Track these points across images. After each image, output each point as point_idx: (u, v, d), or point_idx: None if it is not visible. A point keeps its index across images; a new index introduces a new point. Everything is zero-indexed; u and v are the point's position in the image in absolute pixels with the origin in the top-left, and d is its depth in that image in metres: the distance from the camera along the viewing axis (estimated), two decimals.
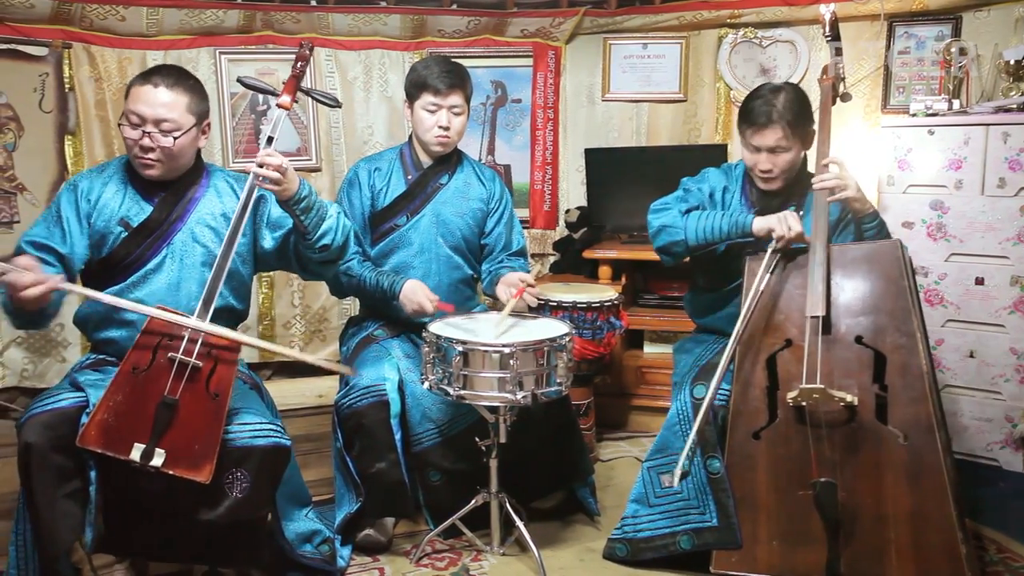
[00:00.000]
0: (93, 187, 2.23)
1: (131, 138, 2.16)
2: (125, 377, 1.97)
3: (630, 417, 3.65)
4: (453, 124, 2.71)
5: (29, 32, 3.52)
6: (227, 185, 2.36)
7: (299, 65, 2.28)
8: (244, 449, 2.07)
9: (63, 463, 1.96)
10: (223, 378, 2.03)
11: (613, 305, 3.00)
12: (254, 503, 2.09)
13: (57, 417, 1.98)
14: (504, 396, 2.28)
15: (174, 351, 2.00)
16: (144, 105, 2.14)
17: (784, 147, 2.49)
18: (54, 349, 3.72)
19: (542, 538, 2.57)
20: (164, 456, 1.94)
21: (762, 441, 2.31)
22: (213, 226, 2.28)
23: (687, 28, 4.06)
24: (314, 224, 2.22)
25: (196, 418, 1.99)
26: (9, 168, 3.56)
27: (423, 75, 2.69)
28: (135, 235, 2.22)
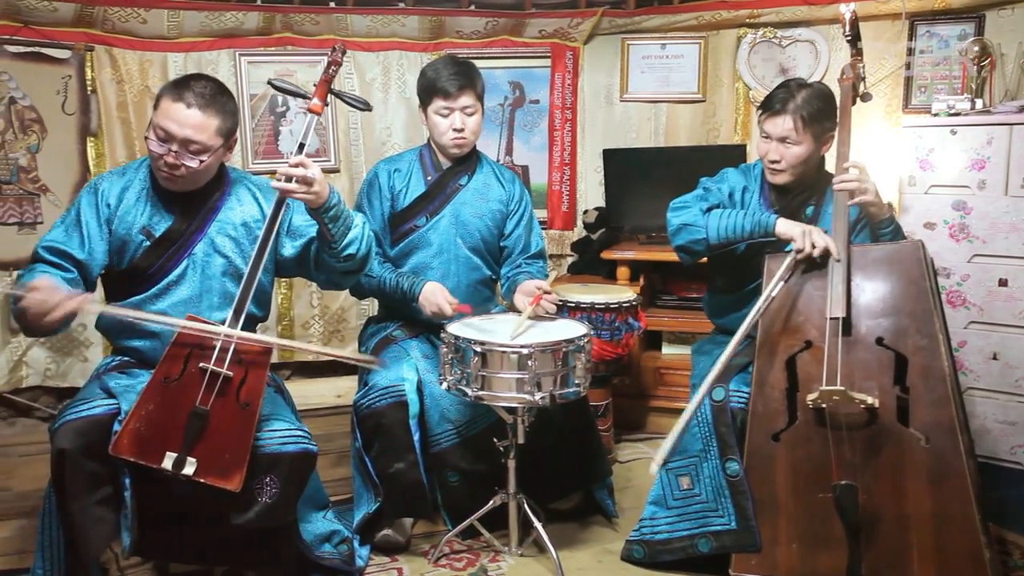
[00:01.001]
0: (114, 190, 2.22)
1: (156, 152, 2.11)
2: (156, 387, 1.98)
3: (648, 418, 3.64)
4: (467, 124, 2.71)
5: (52, 35, 3.56)
6: (248, 193, 2.33)
7: (332, 69, 2.24)
8: (274, 456, 2.07)
9: (96, 469, 1.97)
10: (253, 387, 2.03)
11: (631, 306, 3.00)
12: (283, 509, 2.10)
13: (90, 424, 1.99)
14: (522, 397, 2.28)
15: (205, 361, 2.00)
16: (173, 123, 2.09)
17: (794, 140, 2.48)
18: (76, 349, 3.76)
19: (560, 539, 2.57)
20: (195, 465, 1.95)
21: (781, 443, 2.29)
22: (233, 236, 2.27)
23: (706, 28, 4.05)
24: (340, 233, 2.19)
25: (227, 428, 2.00)
26: (33, 169, 3.60)
27: (432, 79, 2.68)
28: (156, 246, 2.21)
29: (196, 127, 2.10)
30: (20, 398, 3.72)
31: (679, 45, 4.11)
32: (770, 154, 2.52)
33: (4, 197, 3.57)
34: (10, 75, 3.51)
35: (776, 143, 2.50)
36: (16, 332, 3.65)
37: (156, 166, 2.16)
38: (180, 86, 2.14)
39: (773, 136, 2.50)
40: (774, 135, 2.50)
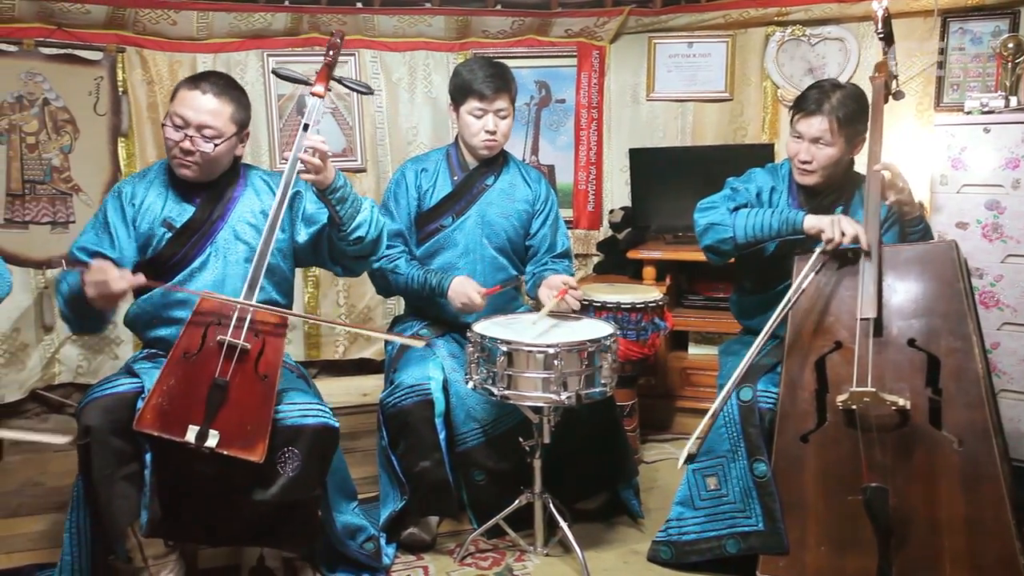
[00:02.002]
0: (136, 191, 2.30)
1: (172, 139, 2.20)
2: (177, 362, 2.02)
3: (675, 419, 3.62)
4: (499, 127, 2.71)
5: (85, 37, 3.62)
6: (264, 183, 2.40)
7: (331, 54, 2.30)
8: (294, 428, 2.10)
9: (121, 446, 2.01)
10: (271, 360, 2.07)
11: (658, 306, 2.98)
12: (306, 482, 2.12)
13: (115, 401, 2.04)
14: (548, 396, 2.28)
15: (223, 334, 2.04)
16: (189, 109, 2.19)
17: (827, 141, 2.46)
18: (107, 347, 3.81)
19: (586, 539, 2.56)
20: (218, 437, 1.98)
21: (810, 444, 2.27)
22: (253, 223, 2.33)
23: (733, 26, 4.02)
24: (348, 215, 2.23)
25: (247, 399, 2.03)
26: (65, 169, 3.66)
27: (467, 79, 2.68)
28: (179, 235, 2.27)
29: (211, 112, 2.20)
30: (53, 395, 3.78)
31: (706, 44, 4.08)
32: (801, 154, 2.49)
33: (37, 197, 3.62)
34: (44, 77, 3.57)
35: (808, 144, 2.48)
36: (49, 329, 3.71)
37: (172, 155, 2.24)
38: (196, 77, 2.27)
39: (806, 137, 2.48)
40: (807, 136, 2.47)
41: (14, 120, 3.55)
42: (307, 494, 2.15)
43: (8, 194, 3.57)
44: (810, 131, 2.46)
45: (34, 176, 3.61)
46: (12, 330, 3.62)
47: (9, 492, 3.03)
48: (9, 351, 3.61)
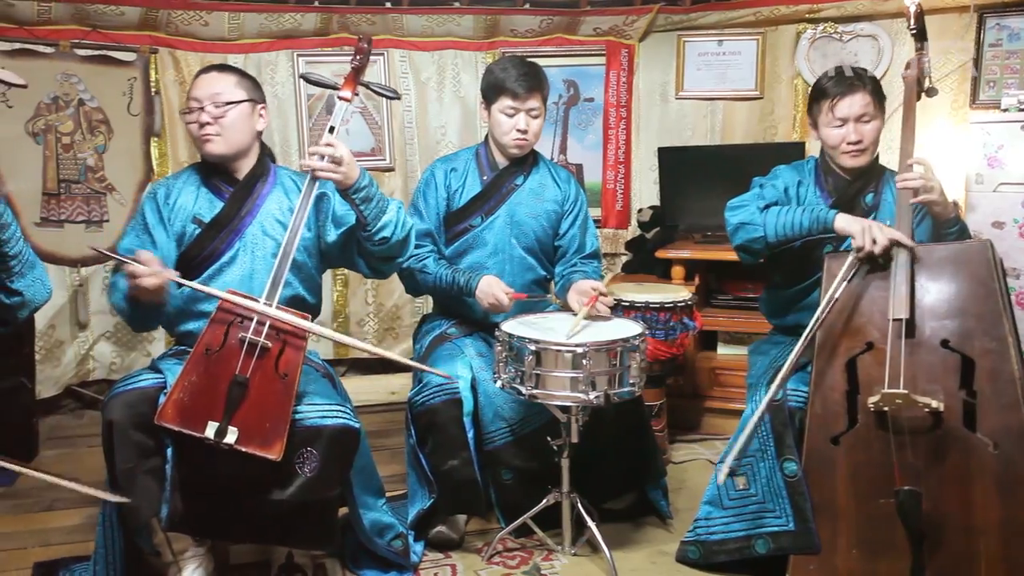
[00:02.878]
0: (170, 192, 2.34)
1: (192, 121, 2.28)
2: (199, 358, 2.04)
3: (703, 419, 3.60)
4: (531, 127, 2.70)
5: (119, 38, 3.67)
6: (292, 182, 2.43)
7: (358, 58, 2.31)
8: (313, 429, 2.11)
9: (143, 440, 2.04)
10: (291, 360, 2.08)
11: (687, 305, 2.97)
12: (323, 483, 2.13)
13: (137, 396, 2.07)
14: (576, 396, 2.27)
15: (244, 331, 2.06)
16: (197, 89, 2.29)
17: (870, 115, 2.46)
18: (140, 343, 3.87)
19: (614, 539, 2.55)
20: (237, 433, 2.00)
21: (841, 446, 2.24)
22: (281, 220, 2.35)
23: (764, 24, 3.99)
24: (373, 216, 2.24)
25: (266, 397, 2.04)
26: (100, 169, 3.71)
27: (501, 78, 2.68)
28: (208, 230, 2.30)
29: (215, 80, 2.30)
30: (87, 391, 3.85)
31: (736, 41, 4.06)
32: (850, 136, 2.47)
33: (72, 196, 3.68)
34: (79, 78, 3.63)
35: (853, 124, 2.46)
36: (84, 327, 3.77)
37: (196, 137, 2.30)
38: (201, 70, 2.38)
39: (850, 117, 2.46)
40: (851, 116, 2.46)
41: (50, 120, 3.61)
42: (325, 495, 2.16)
43: (44, 193, 3.63)
44: (854, 109, 2.45)
45: (69, 176, 3.67)
46: (48, 327, 3.68)
47: (44, 487, 3.07)
48: (45, 348, 3.67)
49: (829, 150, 2.55)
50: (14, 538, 2.69)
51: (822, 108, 2.51)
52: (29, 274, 1.87)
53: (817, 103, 2.53)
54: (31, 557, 2.52)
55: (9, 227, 1.79)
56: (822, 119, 2.52)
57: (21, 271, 1.84)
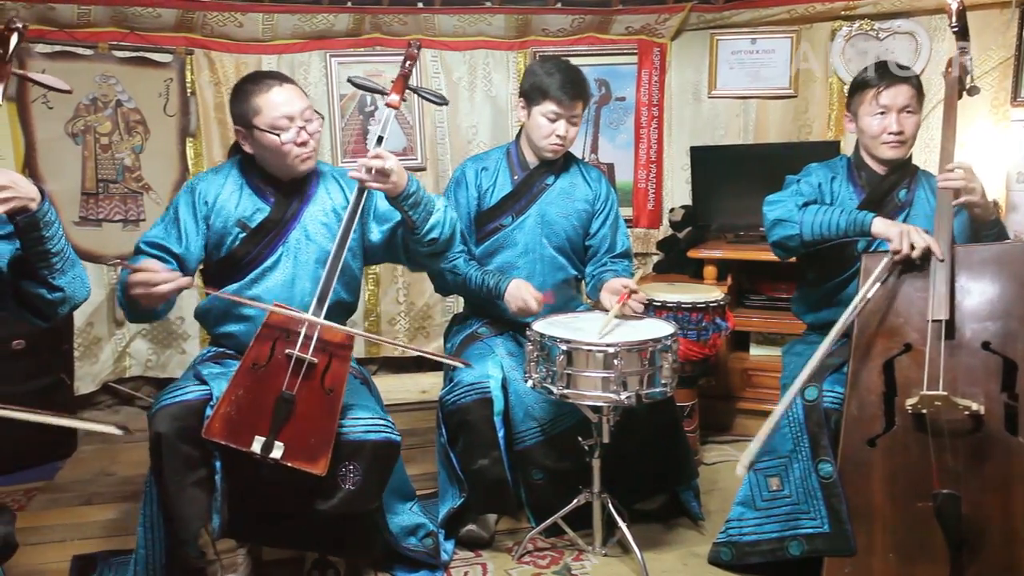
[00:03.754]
0: (210, 189, 2.31)
1: (288, 140, 2.22)
2: (245, 372, 2.05)
3: (735, 420, 3.57)
4: (569, 133, 2.69)
5: (156, 40, 3.72)
6: (335, 182, 2.41)
7: (407, 64, 2.31)
8: (357, 443, 2.12)
9: (190, 452, 2.05)
10: (337, 374, 2.08)
11: (719, 306, 2.94)
12: (366, 496, 2.15)
13: (184, 409, 2.07)
14: (608, 396, 2.27)
15: (291, 347, 2.06)
16: (286, 105, 2.22)
17: (913, 108, 2.46)
18: (175, 341, 3.92)
19: (645, 540, 2.54)
20: (283, 448, 2.01)
21: (878, 448, 2.21)
22: (325, 222, 2.34)
23: (798, 21, 3.94)
24: (422, 219, 2.24)
25: (312, 413, 2.05)
26: (136, 169, 3.77)
27: (547, 83, 2.64)
28: (253, 235, 2.29)
29: (300, 96, 2.27)
30: (123, 387, 3.91)
31: (770, 39, 4.01)
32: (892, 126, 2.46)
33: (110, 195, 3.74)
34: (117, 79, 3.68)
35: (896, 114, 2.45)
36: (120, 324, 3.83)
37: (291, 156, 2.25)
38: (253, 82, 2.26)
39: (893, 107, 2.44)
40: (895, 106, 2.44)
41: (89, 121, 3.67)
42: (366, 507, 2.18)
43: (83, 193, 3.69)
44: (899, 100, 2.44)
45: (107, 175, 3.73)
46: (86, 324, 3.74)
47: (83, 481, 3.14)
48: (83, 345, 3.74)
49: (868, 141, 2.52)
50: (54, 531, 2.74)
51: (864, 97, 2.49)
52: (70, 271, 1.89)
53: (860, 92, 2.51)
54: (70, 549, 2.56)
55: (53, 224, 1.81)
56: (864, 109, 2.49)
57: (63, 268, 1.86)
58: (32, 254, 1.80)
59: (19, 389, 3.14)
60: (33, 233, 1.77)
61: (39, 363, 3.25)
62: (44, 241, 1.80)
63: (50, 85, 1.87)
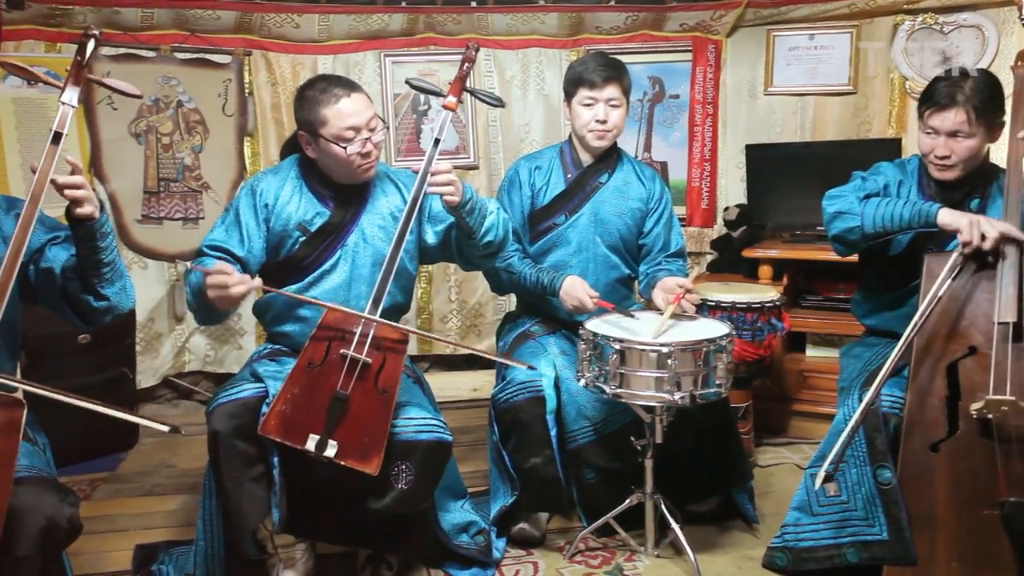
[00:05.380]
0: (270, 190, 2.34)
1: (354, 152, 2.24)
2: (301, 371, 2.08)
3: (791, 422, 3.51)
4: (610, 117, 2.68)
5: (215, 42, 3.79)
6: (392, 183, 2.43)
7: (465, 66, 2.32)
8: (409, 443, 2.14)
9: (247, 449, 2.10)
10: (391, 374, 2.11)
11: (775, 306, 2.90)
12: (417, 496, 2.17)
13: (240, 407, 2.12)
14: (661, 396, 2.25)
15: (346, 347, 2.09)
16: (353, 117, 2.22)
17: (966, 133, 2.32)
18: (232, 337, 3.99)
19: (698, 542, 2.51)
20: (336, 447, 2.04)
21: (941, 454, 2.15)
22: (382, 225, 2.36)
23: (859, 16, 3.86)
24: (478, 224, 2.27)
25: (366, 412, 2.07)
26: (196, 168, 3.85)
27: (579, 71, 2.70)
28: (313, 238, 2.32)
29: (367, 105, 2.27)
30: (183, 382, 4.00)
31: (828, 35, 3.94)
32: (937, 150, 2.37)
33: (171, 194, 3.83)
34: (178, 80, 3.77)
35: (944, 138, 2.35)
36: (180, 320, 3.92)
37: (354, 166, 2.26)
38: (322, 90, 2.25)
39: (941, 131, 2.35)
40: (943, 130, 2.34)
41: (151, 122, 3.76)
42: (418, 507, 2.20)
43: (145, 192, 3.79)
44: (946, 125, 2.33)
45: (168, 174, 3.82)
46: (147, 320, 3.84)
47: (144, 473, 3.22)
48: (145, 339, 3.83)
49: (922, 156, 2.45)
50: (117, 520, 2.81)
51: (920, 112, 2.41)
52: (118, 282, 1.94)
53: (920, 104, 2.43)
54: (132, 539, 2.63)
55: (108, 236, 1.88)
56: (920, 123, 2.42)
57: (111, 279, 1.92)
58: (85, 261, 1.86)
59: (84, 382, 3.23)
60: (90, 242, 1.84)
61: (103, 357, 3.35)
62: (98, 251, 1.86)
63: (123, 90, 1.92)
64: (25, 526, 1.68)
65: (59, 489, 1.79)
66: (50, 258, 1.92)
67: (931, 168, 2.42)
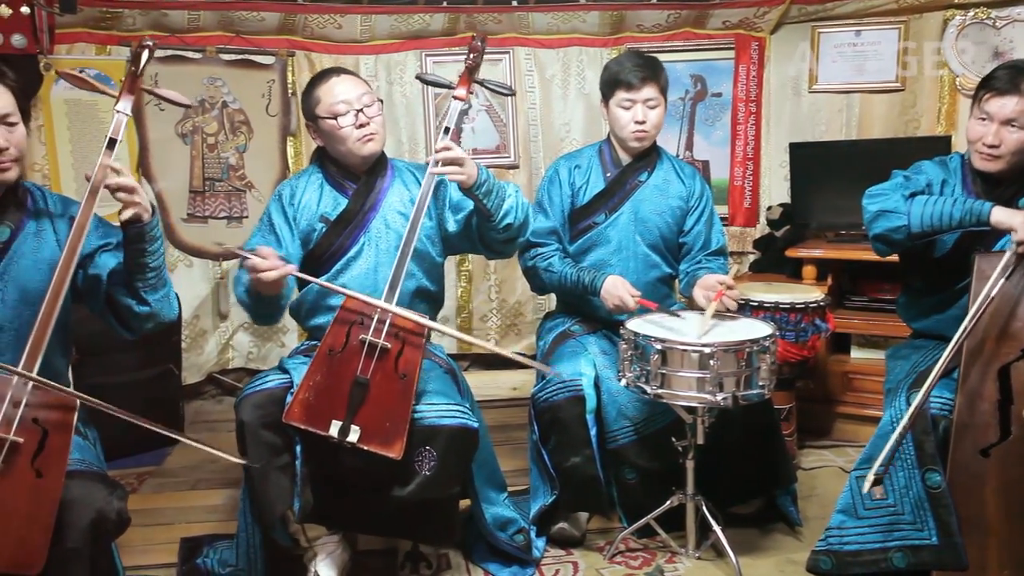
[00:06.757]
0: (295, 191, 2.42)
1: (346, 124, 2.32)
2: (322, 358, 2.12)
3: (835, 425, 3.46)
4: (649, 117, 2.66)
5: (259, 43, 3.85)
6: (411, 174, 2.50)
7: (472, 57, 2.34)
8: (432, 428, 2.15)
9: (273, 439, 2.13)
10: (410, 359, 2.13)
11: (819, 307, 2.85)
12: (442, 482, 2.17)
13: (266, 397, 2.16)
14: (703, 397, 2.23)
15: (365, 333, 2.12)
16: (344, 92, 2.33)
17: (1021, 124, 2.26)
18: (275, 335, 4.05)
19: (740, 545, 2.49)
20: (359, 432, 2.06)
21: (992, 459, 2.10)
22: (403, 212, 2.41)
23: (907, 12, 3.78)
24: (496, 206, 2.28)
25: (386, 397, 2.10)
26: (240, 167, 3.91)
27: (615, 72, 2.67)
28: (335, 227, 2.38)
29: (356, 82, 2.39)
30: (226, 378, 4.06)
31: (876, 31, 3.87)
32: (987, 137, 2.30)
33: (216, 193, 3.89)
34: (223, 81, 3.82)
35: (997, 126, 2.29)
36: (224, 317, 3.98)
37: (352, 139, 2.34)
38: (316, 78, 2.43)
39: (996, 118, 2.29)
40: (998, 117, 2.28)
41: (197, 122, 3.83)
42: (443, 493, 2.20)
43: (191, 191, 3.85)
44: (1002, 112, 2.27)
45: (213, 174, 3.88)
46: (192, 317, 3.91)
47: (189, 467, 3.27)
48: (190, 337, 3.90)
49: (968, 145, 2.39)
50: (162, 514, 2.87)
51: (976, 97, 2.35)
52: (162, 290, 1.97)
53: (976, 91, 2.37)
54: (177, 532, 2.68)
55: (156, 240, 1.91)
56: (973, 109, 2.36)
57: (156, 285, 1.95)
58: (132, 265, 1.90)
59: (132, 378, 3.31)
60: (138, 245, 1.87)
61: (150, 354, 3.41)
62: (145, 254, 1.89)
63: (173, 100, 1.97)
64: (76, 518, 1.73)
65: (108, 483, 1.83)
66: (99, 264, 1.97)
67: (975, 159, 2.35)
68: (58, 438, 1.72)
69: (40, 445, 1.70)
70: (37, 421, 1.72)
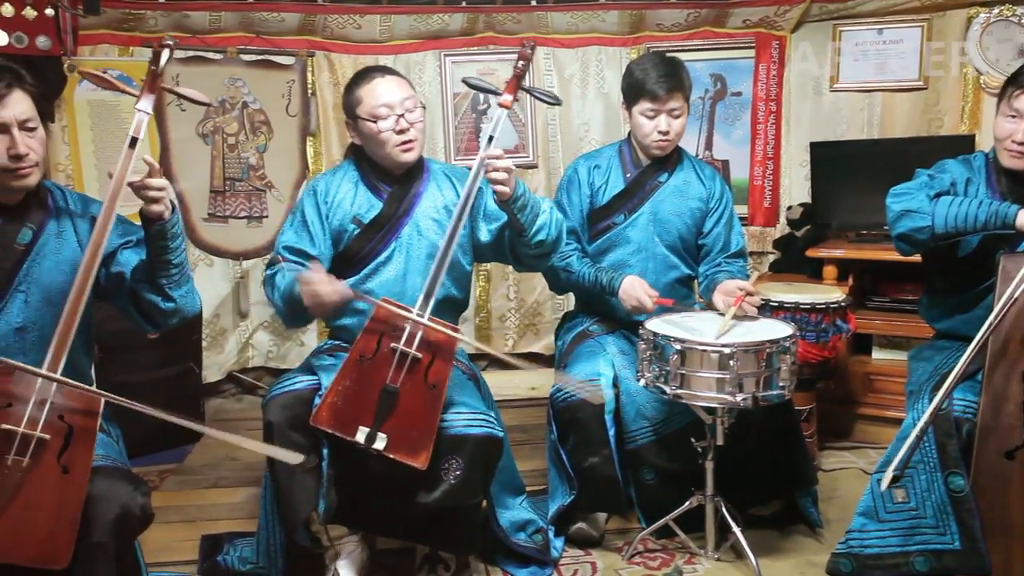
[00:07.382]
0: (329, 188, 2.40)
1: (387, 129, 2.29)
2: (352, 364, 2.11)
3: (856, 426, 3.43)
4: (673, 127, 2.65)
5: (279, 43, 3.87)
6: (447, 179, 2.46)
7: (520, 64, 2.31)
8: (458, 437, 2.15)
9: (299, 440, 2.13)
10: (440, 370, 2.12)
11: (840, 307, 2.83)
12: (467, 490, 2.17)
13: (293, 399, 2.17)
14: (723, 398, 2.22)
15: (396, 341, 2.11)
16: (387, 95, 2.30)
17: None
18: (295, 333, 4.07)
19: (759, 547, 2.47)
20: (386, 440, 2.06)
21: (1017, 462, 2.08)
22: (436, 218, 2.38)
23: (930, 9, 3.75)
24: (529, 221, 2.25)
25: (415, 407, 2.09)
26: (260, 167, 3.93)
27: (640, 79, 2.63)
28: (367, 230, 2.36)
29: (401, 84, 2.35)
30: (246, 377, 4.09)
31: (898, 29, 3.84)
32: (1017, 135, 2.27)
33: (236, 193, 3.91)
34: (244, 81, 3.85)
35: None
36: (244, 316, 4.01)
37: (391, 144, 2.31)
38: (360, 75, 2.38)
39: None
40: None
41: (218, 122, 3.85)
42: (468, 501, 2.20)
43: (211, 191, 3.88)
44: None
45: (233, 174, 3.90)
46: (213, 316, 3.93)
47: (210, 465, 3.29)
48: (211, 335, 3.93)
49: (995, 143, 2.36)
50: (183, 511, 2.89)
51: (1004, 94, 2.32)
52: (184, 286, 1.99)
53: (1004, 88, 2.34)
54: (198, 530, 2.69)
55: (178, 237, 1.93)
56: (1001, 107, 2.33)
57: (179, 281, 1.97)
58: (155, 262, 1.92)
59: (153, 376, 3.34)
60: (161, 242, 1.89)
61: (171, 352, 3.44)
62: (168, 251, 1.91)
63: (194, 99, 1.98)
64: (101, 513, 1.75)
65: (132, 479, 1.86)
66: (121, 262, 1.99)
67: (1003, 156, 2.33)
68: (83, 435, 1.74)
69: (66, 441, 1.73)
70: (63, 418, 1.74)
